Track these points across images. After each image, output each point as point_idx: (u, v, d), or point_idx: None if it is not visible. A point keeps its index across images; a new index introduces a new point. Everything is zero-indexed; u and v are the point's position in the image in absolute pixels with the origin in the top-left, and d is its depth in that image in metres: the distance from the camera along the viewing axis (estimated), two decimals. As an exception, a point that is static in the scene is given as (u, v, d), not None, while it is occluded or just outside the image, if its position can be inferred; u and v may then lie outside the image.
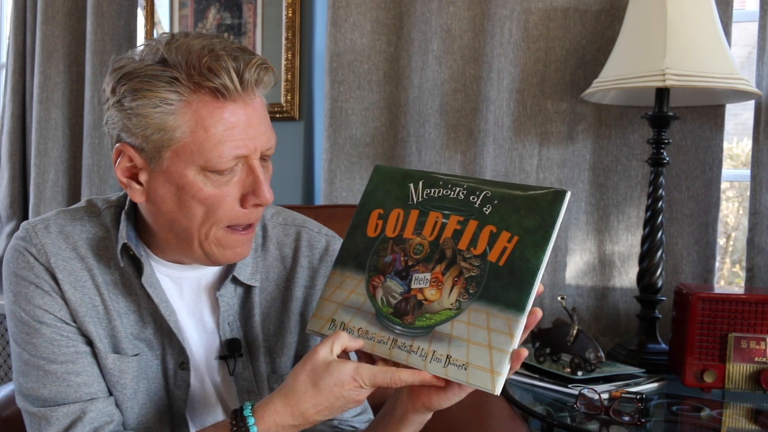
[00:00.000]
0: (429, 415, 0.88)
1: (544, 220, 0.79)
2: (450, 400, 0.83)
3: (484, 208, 0.83)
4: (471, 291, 0.80)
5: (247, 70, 0.82)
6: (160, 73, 0.81)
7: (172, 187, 0.85)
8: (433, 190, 0.87)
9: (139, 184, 0.88)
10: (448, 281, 0.81)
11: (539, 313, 0.78)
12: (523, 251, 0.78)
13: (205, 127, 0.82)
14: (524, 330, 0.77)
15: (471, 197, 0.84)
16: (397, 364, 0.82)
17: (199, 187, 0.84)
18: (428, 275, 0.83)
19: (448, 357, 0.78)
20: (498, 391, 0.75)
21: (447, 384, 0.81)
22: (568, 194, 0.79)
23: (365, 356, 0.84)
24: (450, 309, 0.80)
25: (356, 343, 0.83)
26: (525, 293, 0.77)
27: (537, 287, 0.77)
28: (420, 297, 0.82)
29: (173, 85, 0.81)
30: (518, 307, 0.77)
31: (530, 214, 0.80)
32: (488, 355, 0.76)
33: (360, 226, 0.91)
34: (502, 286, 0.78)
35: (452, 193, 0.86)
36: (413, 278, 0.84)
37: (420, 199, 0.88)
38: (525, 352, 0.76)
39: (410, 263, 0.85)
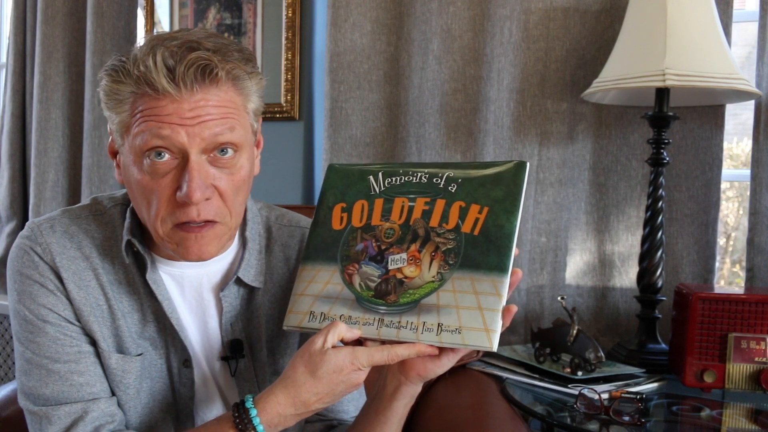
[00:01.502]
0: (420, 387, 0.90)
1: (510, 189, 0.83)
2: (444, 366, 0.84)
3: (450, 187, 0.85)
4: (451, 262, 0.82)
5: (179, 67, 0.81)
6: (120, 65, 0.85)
7: (126, 169, 0.89)
8: (394, 179, 0.89)
9: (118, 165, 0.93)
10: (426, 257, 0.83)
11: (520, 272, 0.81)
12: (495, 219, 0.82)
13: (137, 112, 0.84)
14: (509, 289, 0.80)
15: (434, 179, 0.87)
16: (385, 343, 0.83)
17: (139, 175, 0.86)
18: (404, 255, 0.84)
19: (439, 325, 0.80)
20: (495, 347, 0.78)
21: (440, 351, 0.82)
22: (528, 164, 0.84)
23: (352, 341, 0.85)
24: (433, 281, 0.82)
25: (353, 333, 0.83)
26: (505, 255, 0.80)
27: (514, 249, 0.80)
28: (400, 276, 0.84)
29: (124, 76, 0.84)
30: (501, 268, 0.80)
31: (496, 186, 0.83)
32: (480, 316, 0.79)
33: (324, 221, 0.91)
34: (481, 253, 0.81)
35: (414, 178, 0.88)
36: (389, 260, 0.85)
37: (383, 189, 0.89)
38: (514, 308, 0.79)
39: (383, 247, 0.86)
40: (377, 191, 0.89)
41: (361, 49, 1.88)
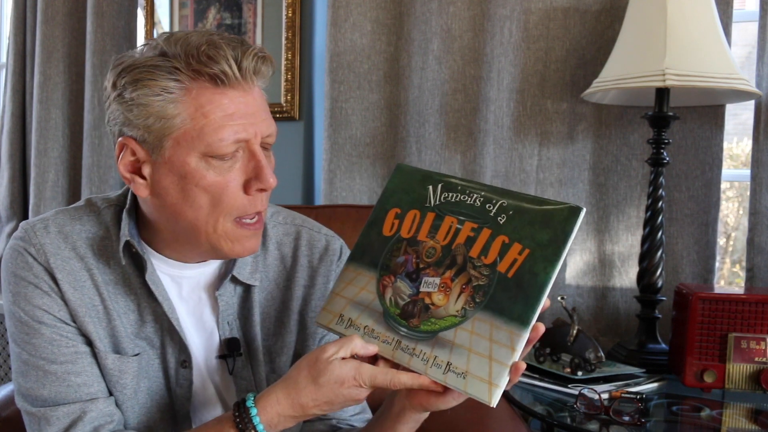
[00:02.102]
0: (426, 414, 0.89)
1: (557, 236, 0.79)
2: (448, 403, 0.83)
3: (499, 218, 0.83)
4: (477, 300, 0.80)
5: (245, 59, 0.84)
6: (161, 63, 0.83)
7: (175, 177, 0.86)
8: (450, 195, 0.88)
9: (143, 178, 0.88)
10: (456, 288, 0.82)
11: (542, 328, 0.78)
12: (532, 265, 0.79)
13: (205, 113, 0.83)
14: (526, 345, 0.77)
15: (487, 205, 0.85)
16: (397, 365, 0.82)
17: (201, 174, 0.84)
18: (437, 279, 0.83)
19: (448, 364, 0.79)
20: (494, 404, 0.75)
21: (445, 389, 0.81)
22: (584, 211, 0.79)
23: (367, 357, 0.85)
24: (455, 316, 0.81)
25: (368, 350, 0.83)
26: (530, 308, 0.77)
27: (543, 303, 0.77)
28: (427, 301, 0.83)
29: (173, 73, 0.83)
30: (522, 321, 0.77)
31: (544, 228, 0.80)
32: (488, 366, 0.77)
33: (377, 223, 0.91)
34: (509, 298, 0.78)
35: (469, 199, 0.86)
36: (423, 281, 0.84)
37: (437, 202, 0.88)
38: (524, 366, 0.76)
39: (421, 266, 0.85)
40: (432, 204, 0.88)
41: (361, 49, 1.88)
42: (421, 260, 0.86)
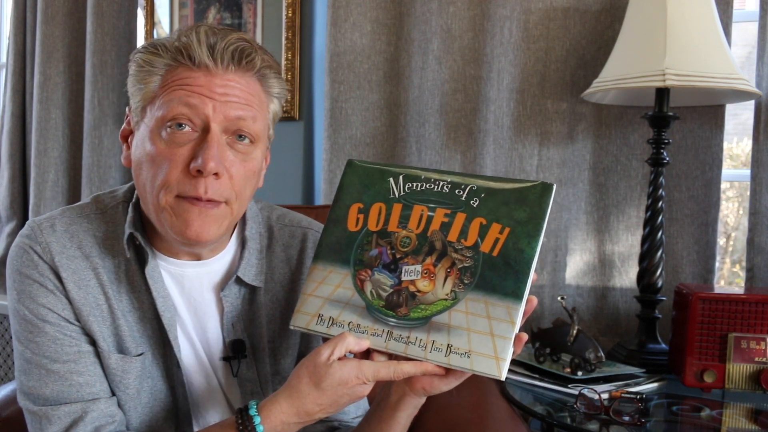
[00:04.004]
0: (424, 399, 0.90)
1: (534, 212, 0.81)
2: (450, 384, 0.84)
3: (471, 201, 0.83)
4: (466, 281, 0.81)
5: (218, 44, 0.86)
6: (157, 41, 0.90)
7: (139, 144, 0.90)
8: (415, 185, 0.87)
9: (129, 148, 0.94)
10: (441, 272, 0.82)
11: (535, 300, 0.81)
12: (516, 242, 0.80)
13: (170, 83, 0.87)
14: (522, 318, 0.79)
15: (456, 191, 0.85)
16: (391, 356, 0.82)
17: (154, 143, 0.87)
18: (419, 267, 0.83)
19: (449, 346, 0.79)
20: (504, 376, 0.77)
21: (447, 370, 0.81)
22: (554, 186, 0.82)
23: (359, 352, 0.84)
24: (446, 299, 0.81)
25: (361, 345, 0.83)
26: (522, 282, 0.79)
27: (532, 276, 0.79)
28: (412, 288, 0.82)
29: (162, 50, 0.88)
30: (517, 295, 0.79)
31: (520, 206, 0.81)
32: (491, 342, 0.78)
33: (339, 220, 0.89)
34: (498, 276, 0.79)
35: (436, 186, 0.86)
36: (403, 270, 0.84)
37: (402, 193, 0.87)
38: (525, 336, 0.79)
39: (398, 256, 0.84)
40: (396, 195, 0.87)
41: (361, 49, 1.88)
42: (397, 250, 0.84)
